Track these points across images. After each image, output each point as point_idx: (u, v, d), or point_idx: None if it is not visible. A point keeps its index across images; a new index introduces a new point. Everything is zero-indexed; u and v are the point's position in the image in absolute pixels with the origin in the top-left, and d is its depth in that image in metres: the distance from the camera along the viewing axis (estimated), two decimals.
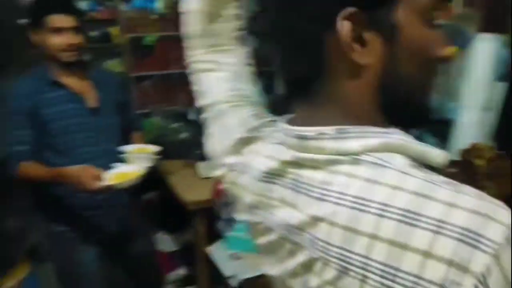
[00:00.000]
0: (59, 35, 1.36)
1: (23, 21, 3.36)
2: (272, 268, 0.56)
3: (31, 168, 1.42)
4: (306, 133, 0.48)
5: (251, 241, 0.62)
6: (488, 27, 1.60)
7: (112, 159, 1.52)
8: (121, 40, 3.85)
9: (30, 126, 1.41)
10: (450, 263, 0.37)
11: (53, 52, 1.40)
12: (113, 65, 3.57)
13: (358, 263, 0.42)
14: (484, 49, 1.59)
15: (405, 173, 0.42)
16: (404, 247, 0.39)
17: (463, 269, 0.36)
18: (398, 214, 0.40)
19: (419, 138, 0.49)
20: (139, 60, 3.60)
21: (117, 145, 1.57)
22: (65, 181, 1.36)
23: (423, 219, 0.39)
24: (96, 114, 1.52)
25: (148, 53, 3.58)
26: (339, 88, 0.48)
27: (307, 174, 0.48)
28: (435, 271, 0.37)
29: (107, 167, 1.47)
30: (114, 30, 4.73)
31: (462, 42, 1.63)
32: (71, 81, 1.48)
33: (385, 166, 0.43)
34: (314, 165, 0.47)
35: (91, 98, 1.52)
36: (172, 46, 3.54)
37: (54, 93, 1.44)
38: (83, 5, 4.99)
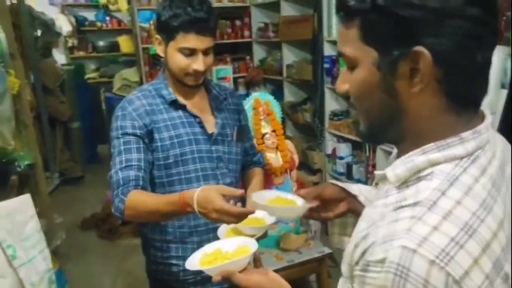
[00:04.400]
0: (189, 57, 1.16)
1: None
2: None
3: (145, 197, 1.08)
4: None
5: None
6: None
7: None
8: (133, 50, 4.05)
9: (142, 150, 1.15)
10: None
11: (177, 72, 1.19)
12: (129, 74, 3.72)
13: None
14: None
15: None
16: None
17: None
18: None
19: None
20: (152, 70, 3.72)
21: (237, 182, 1.31)
22: (188, 210, 0.99)
23: None
24: (215, 141, 1.24)
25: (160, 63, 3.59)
26: None
27: None
28: None
29: None
30: (122, 40, 5.13)
31: None
32: (190, 102, 1.25)
33: None
34: None
35: (210, 122, 1.26)
36: None
37: (170, 114, 1.21)
38: (90, 15, 5.37)
